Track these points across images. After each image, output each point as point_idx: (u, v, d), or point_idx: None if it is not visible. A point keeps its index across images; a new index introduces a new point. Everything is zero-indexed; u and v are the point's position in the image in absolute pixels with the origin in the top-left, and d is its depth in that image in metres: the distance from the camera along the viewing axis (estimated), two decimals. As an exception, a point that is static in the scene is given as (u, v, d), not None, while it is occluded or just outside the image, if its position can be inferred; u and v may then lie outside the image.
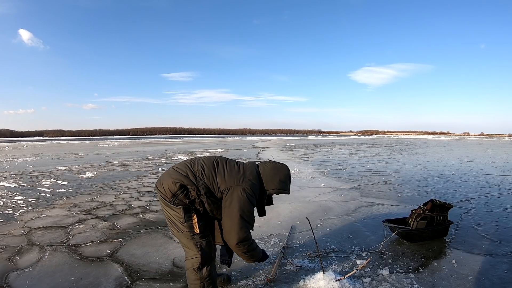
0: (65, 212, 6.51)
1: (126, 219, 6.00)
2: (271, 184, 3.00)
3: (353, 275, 3.51)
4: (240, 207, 2.73)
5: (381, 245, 4.40)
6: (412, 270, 3.73)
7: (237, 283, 3.57)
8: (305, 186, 9.16)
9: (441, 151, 21.17)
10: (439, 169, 12.06)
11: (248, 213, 2.77)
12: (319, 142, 38.73)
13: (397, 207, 6.60)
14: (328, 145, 31.85)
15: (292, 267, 3.90)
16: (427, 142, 33.60)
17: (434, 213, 4.61)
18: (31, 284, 3.54)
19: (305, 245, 4.65)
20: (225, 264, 3.39)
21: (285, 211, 6.45)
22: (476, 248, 4.30)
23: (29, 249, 4.52)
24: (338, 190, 8.52)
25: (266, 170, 3.04)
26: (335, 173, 11.81)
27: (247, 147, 29.51)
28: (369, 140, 43.40)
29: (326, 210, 6.48)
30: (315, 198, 7.59)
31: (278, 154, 20.71)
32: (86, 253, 4.44)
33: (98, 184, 9.83)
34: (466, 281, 3.42)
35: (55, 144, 39.18)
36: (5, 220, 5.85)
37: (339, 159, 16.90)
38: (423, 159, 16.06)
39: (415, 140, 41.95)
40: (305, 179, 10.58)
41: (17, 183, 9.66)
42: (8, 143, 39.05)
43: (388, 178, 10.12)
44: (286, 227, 5.39)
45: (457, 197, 7.09)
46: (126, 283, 3.57)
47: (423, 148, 24.04)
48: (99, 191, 8.65)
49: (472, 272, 3.61)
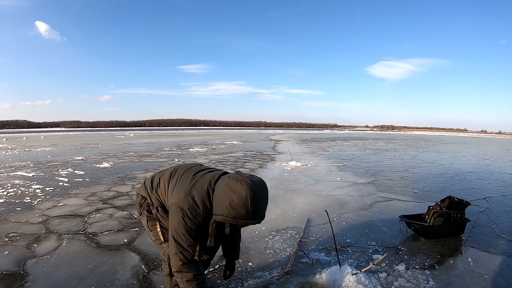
0: (82, 201, 6.62)
1: None
2: (218, 208, 2.22)
3: (369, 269, 3.54)
4: (174, 228, 2.32)
5: (397, 241, 4.43)
6: (428, 267, 3.74)
7: (254, 274, 3.62)
8: (321, 180, 9.18)
9: (458, 148, 20.93)
10: (455, 167, 11.95)
11: (183, 237, 2.27)
12: (335, 136, 38.56)
13: (413, 203, 6.58)
14: (344, 139, 31.69)
15: (308, 260, 3.95)
16: (443, 139, 33.21)
17: (451, 210, 4.60)
18: (48, 271, 3.63)
19: (321, 238, 4.69)
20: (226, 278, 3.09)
21: (301, 204, 6.50)
22: (492, 247, 4.27)
23: (47, 237, 4.62)
24: (354, 184, 8.52)
25: (218, 188, 2.28)
26: (351, 167, 11.79)
27: (263, 139, 29.50)
28: (385, 135, 43.06)
29: (342, 204, 6.50)
30: (331, 192, 7.61)
31: (294, 147, 20.70)
32: (103, 241, 4.54)
33: (115, 174, 9.95)
34: (481, 280, 3.41)
35: (71, 134, 39.54)
36: (23, 209, 5.95)
37: (355, 154, 16.83)
38: (440, 156, 15.90)
39: (431, 136, 41.45)
40: (321, 172, 10.59)
41: (35, 173, 9.79)
42: (25, 133, 39.48)
43: (405, 174, 10.07)
44: (302, 220, 5.44)
45: (473, 195, 7.04)
46: (142, 271, 3.65)
47: (439, 145, 23.80)
48: (116, 181, 8.76)
49: (488, 271, 3.60)
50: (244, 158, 14.35)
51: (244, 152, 16.74)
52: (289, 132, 48.86)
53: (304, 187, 8.21)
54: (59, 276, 3.52)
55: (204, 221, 2.32)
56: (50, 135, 37.99)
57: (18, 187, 7.64)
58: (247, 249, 4.29)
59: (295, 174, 10.24)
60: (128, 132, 43.70)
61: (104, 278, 3.48)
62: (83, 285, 3.34)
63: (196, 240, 2.30)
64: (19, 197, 6.76)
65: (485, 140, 32.38)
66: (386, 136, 38.91)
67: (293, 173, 10.55)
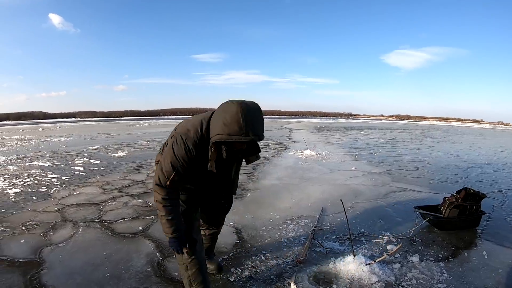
0: (98, 189, 6.70)
1: None
2: (214, 130, 2.22)
3: (383, 260, 3.56)
4: (164, 155, 2.45)
5: (411, 232, 4.41)
6: (442, 259, 3.73)
7: (267, 263, 3.66)
8: (335, 169, 9.16)
9: (474, 139, 20.65)
10: (472, 158, 11.80)
11: (165, 162, 2.39)
12: (349, 125, 38.29)
13: (428, 194, 6.53)
14: (359, 128, 31.46)
15: (322, 249, 3.96)
16: (459, 130, 32.76)
17: (467, 202, 4.55)
18: (64, 258, 3.70)
19: (335, 227, 4.72)
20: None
21: (316, 193, 6.51)
22: (507, 241, 4.22)
23: (63, 225, 4.70)
24: (369, 174, 8.49)
25: (213, 115, 2.30)
26: (366, 157, 11.72)
27: (277, 128, 29.40)
28: (400, 125, 42.60)
29: (356, 194, 6.49)
30: (346, 181, 7.60)
31: (308, 136, 20.62)
32: (118, 229, 4.61)
33: (130, 163, 10.03)
34: (496, 274, 3.39)
35: (87, 124, 39.83)
36: (39, 198, 6.03)
37: (370, 143, 16.71)
38: (456, 147, 15.72)
39: (447, 126, 40.94)
40: (336, 161, 10.56)
41: (51, 162, 9.89)
42: (41, 124, 39.78)
43: (420, 165, 9.98)
44: (316, 209, 5.45)
45: (489, 188, 6.95)
46: (157, 259, 3.72)
47: (455, 136, 23.52)
48: (131, 170, 8.84)
49: (503, 266, 3.57)
50: (259, 147, 14.26)
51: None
52: (304, 120, 48.51)
53: (318, 176, 8.22)
54: (75, 263, 3.59)
55: (197, 147, 2.33)
56: (66, 125, 38.32)
57: (35, 177, 7.75)
58: (261, 238, 4.34)
59: (309, 163, 10.23)
60: (143, 121, 43.90)
61: (119, 265, 3.55)
62: (98, 272, 3.41)
63: (174, 169, 2.35)
64: (36, 186, 6.85)
65: (502, 131, 31.84)
66: (401, 126, 38.52)
67: (308, 162, 10.54)
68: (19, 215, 5.09)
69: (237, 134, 2.09)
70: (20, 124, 41.15)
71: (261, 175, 8.35)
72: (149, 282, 3.27)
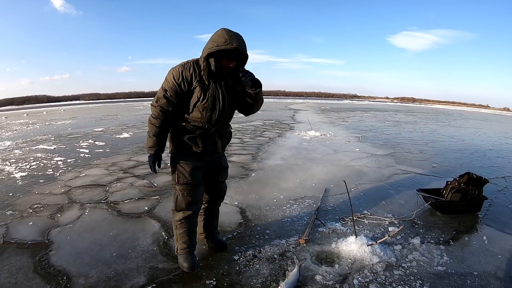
0: (104, 171, 6.76)
1: (163, 177, 6.16)
2: (204, 51, 2.71)
3: (384, 241, 3.61)
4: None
5: (413, 214, 4.45)
6: (443, 242, 3.78)
7: (271, 242, 3.73)
8: (339, 150, 9.20)
9: (479, 124, 20.50)
10: (476, 143, 11.75)
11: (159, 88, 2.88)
12: (354, 106, 38.01)
13: (431, 177, 6.55)
14: (363, 110, 31.25)
15: (325, 229, 4.03)
16: (464, 114, 32.48)
17: (469, 186, 4.56)
18: (72, 239, 3.78)
19: (338, 208, 4.78)
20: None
21: (320, 173, 6.56)
22: (508, 228, 4.24)
23: (70, 207, 4.76)
24: (372, 156, 8.51)
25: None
26: (370, 138, 11.72)
27: (282, 108, 29.24)
28: (405, 107, 42.25)
29: (360, 175, 6.54)
30: (350, 163, 7.64)
31: (312, 116, 20.55)
32: (124, 209, 4.68)
33: (134, 144, 10.05)
34: (495, 259, 3.43)
35: (91, 107, 39.52)
36: (46, 180, 6.06)
37: (375, 125, 16.66)
38: (460, 131, 15.64)
39: (452, 110, 40.54)
40: (340, 143, 10.58)
41: (56, 145, 9.89)
42: (46, 108, 39.40)
43: (424, 148, 9.97)
44: (320, 190, 5.50)
45: (492, 173, 6.93)
46: (163, 238, 3.80)
47: (460, 120, 23.37)
48: (136, 151, 8.88)
49: (503, 252, 3.60)
50: (262, 127, 14.34)
51: (262, 121, 16.68)
52: (308, 101, 48.16)
53: (322, 157, 8.26)
54: (82, 243, 3.67)
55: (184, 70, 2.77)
56: (70, 108, 38.08)
57: (40, 160, 7.76)
58: (265, 217, 4.41)
59: (313, 144, 10.27)
60: (147, 102, 43.60)
61: (126, 245, 3.62)
62: (105, 251, 3.48)
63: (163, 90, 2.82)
64: (42, 170, 6.87)
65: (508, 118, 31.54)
66: (406, 108, 38.24)
67: (312, 142, 10.58)
68: (26, 198, 5.13)
69: (223, 45, 2.56)
70: (24, 109, 40.87)
71: (265, 155, 8.41)
72: (155, 260, 3.35)
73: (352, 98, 76.83)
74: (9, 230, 3.98)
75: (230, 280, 3.05)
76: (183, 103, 2.86)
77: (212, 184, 3.31)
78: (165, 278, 3.08)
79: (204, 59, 2.68)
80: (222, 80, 2.86)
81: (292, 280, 2.93)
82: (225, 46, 2.55)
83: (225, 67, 2.75)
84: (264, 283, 2.99)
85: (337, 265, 3.26)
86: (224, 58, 2.68)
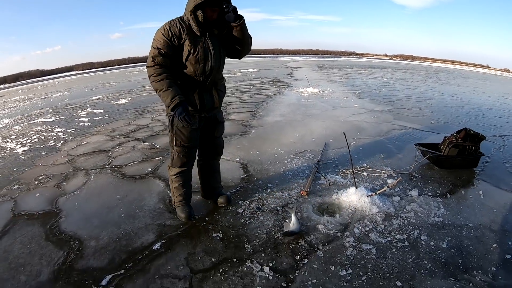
0: (105, 137, 6.75)
1: (164, 139, 6.20)
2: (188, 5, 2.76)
3: (383, 192, 3.69)
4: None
5: (411, 168, 4.52)
6: (440, 195, 3.87)
7: (273, 194, 3.85)
8: (338, 106, 9.21)
9: (479, 84, 20.28)
10: (474, 102, 11.68)
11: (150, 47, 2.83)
12: (352, 63, 37.48)
13: (429, 133, 6.60)
14: (362, 67, 30.82)
15: (326, 182, 4.11)
16: (464, 73, 32.08)
17: (466, 142, 4.61)
18: (80, 204, 3.87)
19: (338, 161, 4.87)
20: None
21: (319, 129, 6.62)
22: (503, 184, 4.29)
23: (74, 175, 4.80)
24: (371, 111, 8.52)
25: None
26: (369, 95, 11.66)
27: (279, 66, 28.77)
28: (404, 65, 41.67)
29: (359, 130, 6.60)
30: (348, 118, 7.68)
31: (310, 74, 20.30)
32: (129, 172, 4.76)
33: (133, 109, 9.98)
34: (490, 213, 3.51)
35: (85, 76, 38.62)
36: (48, 152, 6.06)
37: (373, 82, 16.50)
38: (459, 90, 15.51)
39: (452, 69, 40.04)
40: (338, 99, 10.57)
41: (55, 117, 9.75)
42: (40, 82, 38.40)
43: (422, 105, 9.92)
44: (319, 144, 5.58)
45: (490, 132, 6.91)
46: (168, 196, 3.89)
47: (459, 79, 23.14)
48: (135, 115, 8.84)
49: (497, 206, 3.67)
50: (260, 85, 14.22)
51: (260, 79, 16.51)
52: (306, 59, 47.48)
53: (321, 113, 8.29)
54: (91, 208, 3.76)
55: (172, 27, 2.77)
56: (64, 79, 37.22)
57: (41, 133, 7.69)
58: (267, 171, 4.51)
59: (312, 100, 10.24)
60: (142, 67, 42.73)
61: (133, 205, 3.73)
62: (114, 213, 3.58)
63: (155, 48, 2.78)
64: (43, 142, 6.83)
65: (508, 79, 31.12)
66: (405, 66, 37.75)
67: (310, 99, 10.54)
68: (31, 171, 5.14)
69: None
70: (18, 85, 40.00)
71: (264, 112, 8.43)
72: (162, 218, 3.46)
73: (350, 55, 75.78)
74: (17, 203, 4.03)
75: (235, 232, 3.16)
76: (176, 59, 2.86)
77: (209, 140, 3.36)
78: (173, 233, 3.19)
79: (191, 12, 2.70)
80: (209, 31, 2.87)
81: (297, 220, 3.05)
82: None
83: (209, 18, 2.77)
84: (269, 234, 3.10)
85: (338, 215, 3.36)
86: (208, 8, 2.72)
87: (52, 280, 2.64)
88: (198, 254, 2.87)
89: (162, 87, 2.76)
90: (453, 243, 2.98)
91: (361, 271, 2.62)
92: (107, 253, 2.93)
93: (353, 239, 3.00)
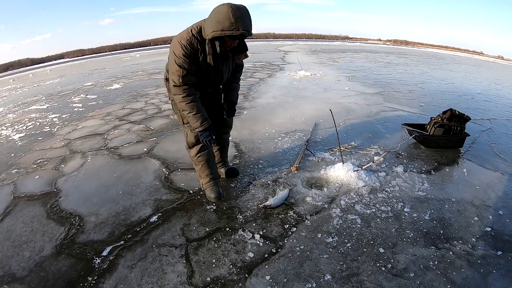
0: (100, 121, 6.83)
1: (158, 121, 6.36)
2: (208, 29, 2.58)
3: (369, 167, 3.86)
4: (169, 62, 2.84)
5: (398, 146, 4.67)
6: (425, 172, 4.02)
7: (264, 170, 4.02)
8: (329, 89, 9.32)
9: (471, 69, 20.32)
10: (465, 86, 11.75)
11: (171, 65, 2.75)
12: (345, 48, 37.34)
13: (418, 115, 6.73)
14: (355, 51, 30.77)
15: (314, 158, 4.27)
16: (457, 59, 32.03)
17: (452, 122, 4.72)
18: (79, 184, 4.00)
19: (327, 140, 5.02)
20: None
21: (310, 110, 6.75)
22: (488, 164, 4.42)
23: (72, 157, 4.90)
24: (362, 94, 8.64)
25: (208, 17, 2.65)
26: (360, 78, 11.77)
27: (272, 50, 28.61)
28: (397, 49, 41.58)
29: (349, 111, 6.72)
30: (339, 100, 7.81)
31: (303, 57, 20.29)
32: (125, 153, 4.88)
33: (127, 93, 10.01)
34: (473, 190, 3.66)
35: (77, 63, 37.92)
36: (44, 137, 6.10)
37: (365, 66, 16.55)
38: (451, 75, 15.56)
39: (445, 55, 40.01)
40: (330, 81, 10.66)
41: (49, 104, 9.74)
42: (31, 71, 37.75)
43: (413, 88, 10.04)
44: (309, 124, 5.72)
45: (478, 115, 7.06)
46: (164, 174, 4.07)
47: (452, 64, 23.17)
48: (129, 100, 8.90)
49: (481, 184, 3.81)
50: (253, 69, 14.23)
51: (253, 63, 16.45)
52: (298, 43, 47.11)
53: (312, 95, 8.41)
54: (89, 187, 3.90)
55: (191, 45, 2.68)
56: (56, 67, 36.56)
57: (36, 120, 7.70)
58: (258, 149, 4.67)
59: (304, 83, 10.35)
60: (134, 53, 42.26)
61: (130, 183, 3.88)
62: (112, 191, 3.74)
63: (180, 67, 2.69)
64: (39, 128, 6.87)
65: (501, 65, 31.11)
66: (398, 51, 37.66)
67: (302, 82, 10.65)
68: (28, 155, 5.21)
69: (229, 30, 2.48)
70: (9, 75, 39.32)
71: (256, 94, 8.54)
72: (159, 193, 3.63)
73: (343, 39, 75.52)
74: (17, 186, 4.13)
75: (228, 204, 3.35)
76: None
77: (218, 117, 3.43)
78: (169, 207, 3.36)
79: (209, 40, 2.64)
80: (224, 58, 2.90)
81: (280, 197, 3.23)
82: (230, 32, 2.48)
83: (227, 47, 2.72)
84: (259, 205, 3.26)
85: (326, 189, 3.53)
86: (227, 38, 2.62)
87: (55, 254, 2.78)
88: (193, 225, 3.03)
89: (192, 110, 2.84)
90: (435, 215, 3.14)
91: (346, 238, 2.79)
92: (106, 227, 3.09)
93: (340, 210, 3.17)
